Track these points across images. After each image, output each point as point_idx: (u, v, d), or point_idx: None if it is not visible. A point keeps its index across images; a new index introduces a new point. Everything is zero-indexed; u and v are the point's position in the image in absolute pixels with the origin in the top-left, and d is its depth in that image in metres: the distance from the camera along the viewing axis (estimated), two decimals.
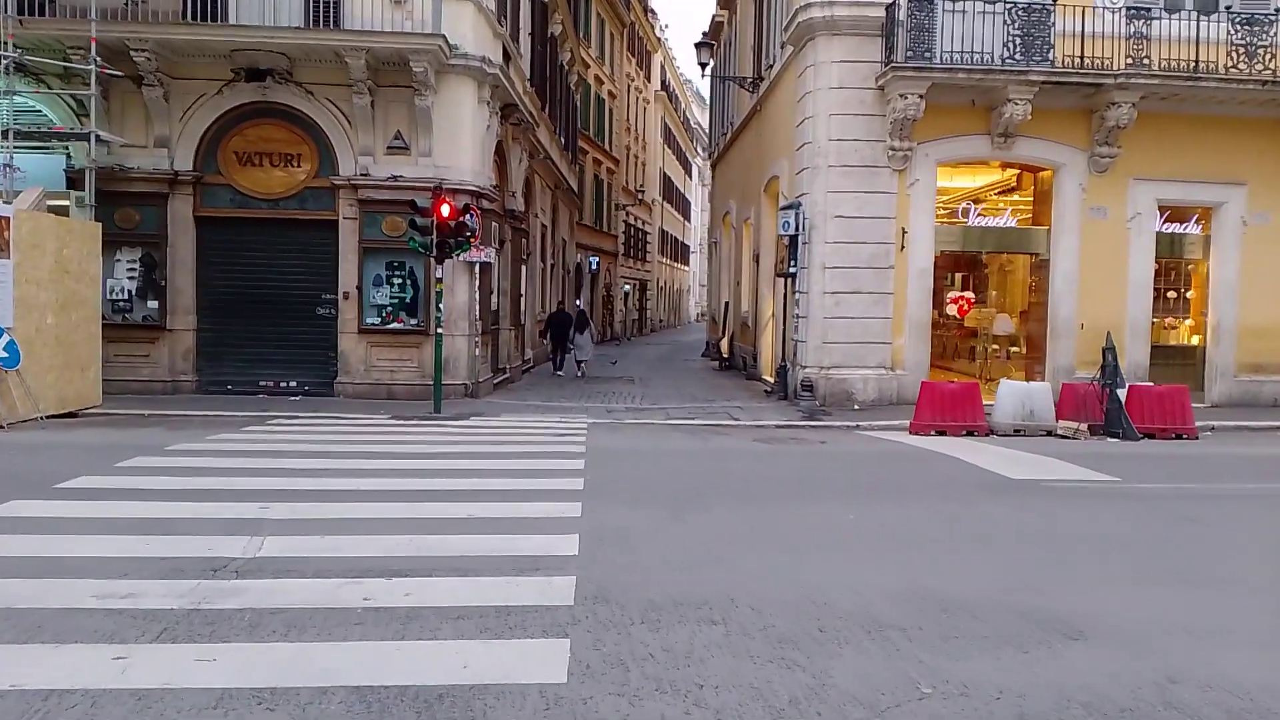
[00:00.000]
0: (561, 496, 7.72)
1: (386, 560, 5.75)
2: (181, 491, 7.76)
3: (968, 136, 15.59)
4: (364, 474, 8.71)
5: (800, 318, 15.96)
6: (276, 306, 15.43)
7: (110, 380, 14.58)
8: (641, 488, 8.13)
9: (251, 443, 10.72)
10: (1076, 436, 12.49)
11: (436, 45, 14.20)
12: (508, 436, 11.74)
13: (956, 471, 9.33)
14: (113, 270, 15.26)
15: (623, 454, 10.10)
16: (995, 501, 7.83)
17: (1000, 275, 20.50)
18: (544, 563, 5.72)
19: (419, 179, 14.96)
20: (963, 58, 14.74)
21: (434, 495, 7.77)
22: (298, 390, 15.52)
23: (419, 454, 9.94)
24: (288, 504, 7.30)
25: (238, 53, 14.55)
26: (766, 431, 12.91)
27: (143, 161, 15.06)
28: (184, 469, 8.80)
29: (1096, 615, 4.92)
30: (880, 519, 7.04)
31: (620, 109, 44.00)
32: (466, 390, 15.68)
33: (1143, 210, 15.92)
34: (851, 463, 9.87)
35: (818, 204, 15.55)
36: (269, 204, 15.39)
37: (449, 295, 15.10)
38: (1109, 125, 15.21)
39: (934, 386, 12.89)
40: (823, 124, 15.47)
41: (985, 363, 18.08)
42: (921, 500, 7.78)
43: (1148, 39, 14.92)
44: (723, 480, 8.54)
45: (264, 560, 5.74)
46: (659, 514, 7.08)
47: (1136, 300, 16.01)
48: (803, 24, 15.49)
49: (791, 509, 7.37)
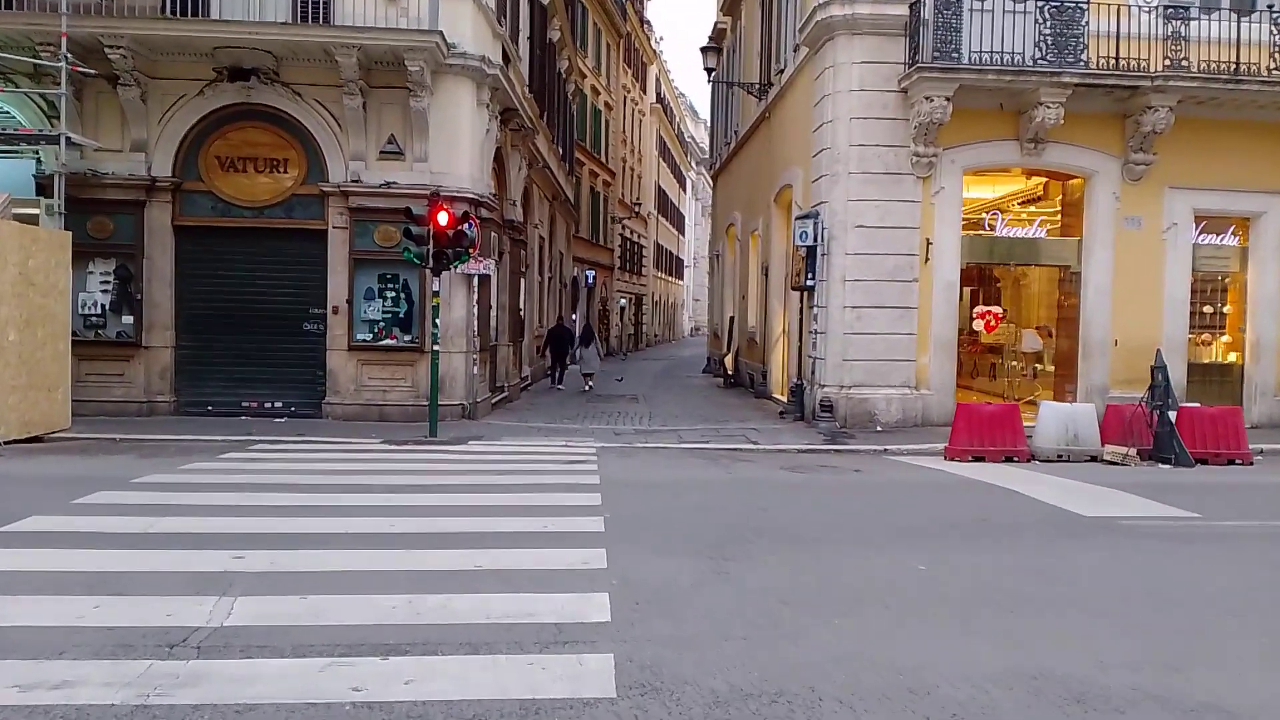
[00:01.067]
0: (580, 540, 6.75)
1: (380, 630, 4.77)
2: (144, 537, 6.76)
3: (996, 142, 14.72)
4: (353, 512, 7.71)
5: (818, 333, 15.03)
6: (260, 322, 14.42)
7: (81, 401, 13.57)
8: (670, 528, 7.15)
9: (229, 473, 9.70)
10: (1125, 462, 11.56)
11: (433, 43, 13.28)
12: (511, 464, 10.75)
13: (1017, 507, 8.37)
14: (84, 283, 14.26)
15: (641, 485, 9.11)
16: (1077, 546, 6.88)
17: (1014, 289, 19.66)
18: (571, 633, 4.75)
19: (414, 186, 14.01)
20: (991, 58, 13.90)
21: (433, 539, 6.78)
22: (283, 411, 14.49)
23: (414, 486, 8.95)
24: (265, 552, 6.31)
25: (220, 50, 13.60)
26: (790, 457, 11.94)
27: (118, 167, 14.07)
28: (150, 507, 7.78)
29: (1261, 706, 3.97)
30: (955, 570, 6.07)
31: (616, 121, 43.18)
32: (464, 411, 14.69)
33: (1179, 220, 15.07)
34: (896, 495, 8.90)
35: (837, 213, 14.65)
36: (253, 212, 14.40)
37: (446, 310, 14.12)
38: (1144, 130, 14.37)
39: (971, 408, 11.96)
40: (843, 128, 14.58)
41: (1009, 382, 17.19)
42: (995, 545, 6.82)
43: (1186, 40, 14.13)
44: (759, 518, 7.56)
45: (232, 631, 4.75)
46: (698, 564, 6.10)
47: (1173, 316, 15.13)
48: (821, 23, 14.62)
49: (849, 556, 6.40)
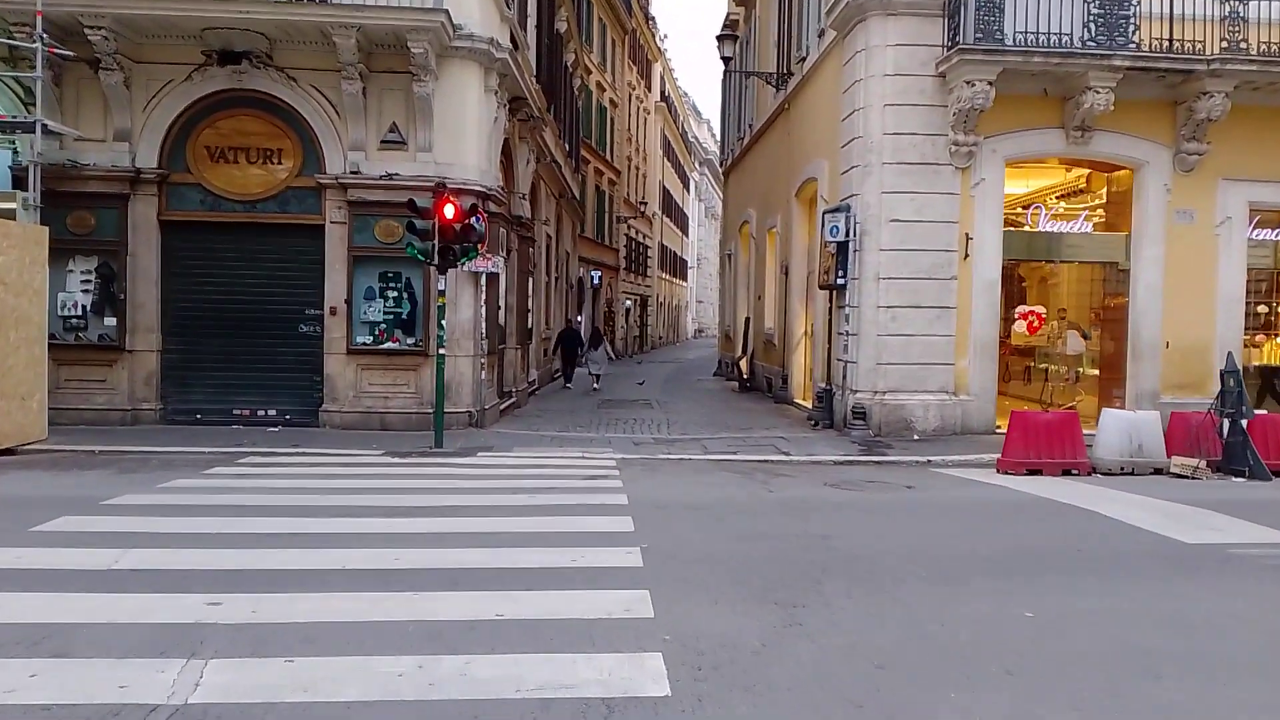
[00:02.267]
0: (617, 578, 5.77)
1: (385, 708, 3.80)
2: (106, 576, 5.78)
3: (1039, 130, 13.74)
4: (350, 541, 6.73)
5: (850, 335, 14.05)
6: (253, 324, 13.44)
7: (60, 409, 12.66)
8: (719, 563, 6.16)
9: (213, 492, 8.72)
10: (1196, 475, 10.59)
11: (439, 23, 12.31)
12: (526, 480, 9.77)
13: (1104, 532, 7.39)
14: (64, 282, 13.28)
15: (674, 507, 8.13)
16: (1198, 584, 5.90)
17: (1041, 287, 18.69)
18: (624, 712, 3.77)
19: (417, 177, 13.03)
20: (1037, 39, 12.93)
21: (444, 577, 5.80)
22: (277, 420, 13.51)
23: (420, 508, 7.97)
24: (246, 595, 5.34)
25: (210, 32, 12.64)
26: (829, 470, 10.97)
27: (99, 157, 13.10)
28: (119, 536, 6.80)
29: None
30: (1069, 617, 5.09)
31: (622, 118, 42.23)
32: (471, 419, 13.71)
33: (1233, 214, 14.09)
34: (965, 519, 7.90)
35: (870, 206, 13.68)
36: (245, 206, 13.42)
37: (452, 310, 13.14)
38: (1198, 118, 13.41)
39: (1026, 416, 10.98)
40: (876, 116, 13.61)
41: (1049, 386, 16.20)
42: (1101, 583, 5.83)
43: (1244, 20, 13.17)
44: (820, 549, 6.55)
45: (198, 711, 3.78)
46: (763, 612, 5.11)
47: (1226, 316, 14.14)
48: (852, 4, 13.65)
49: (938, 599, 5.40)
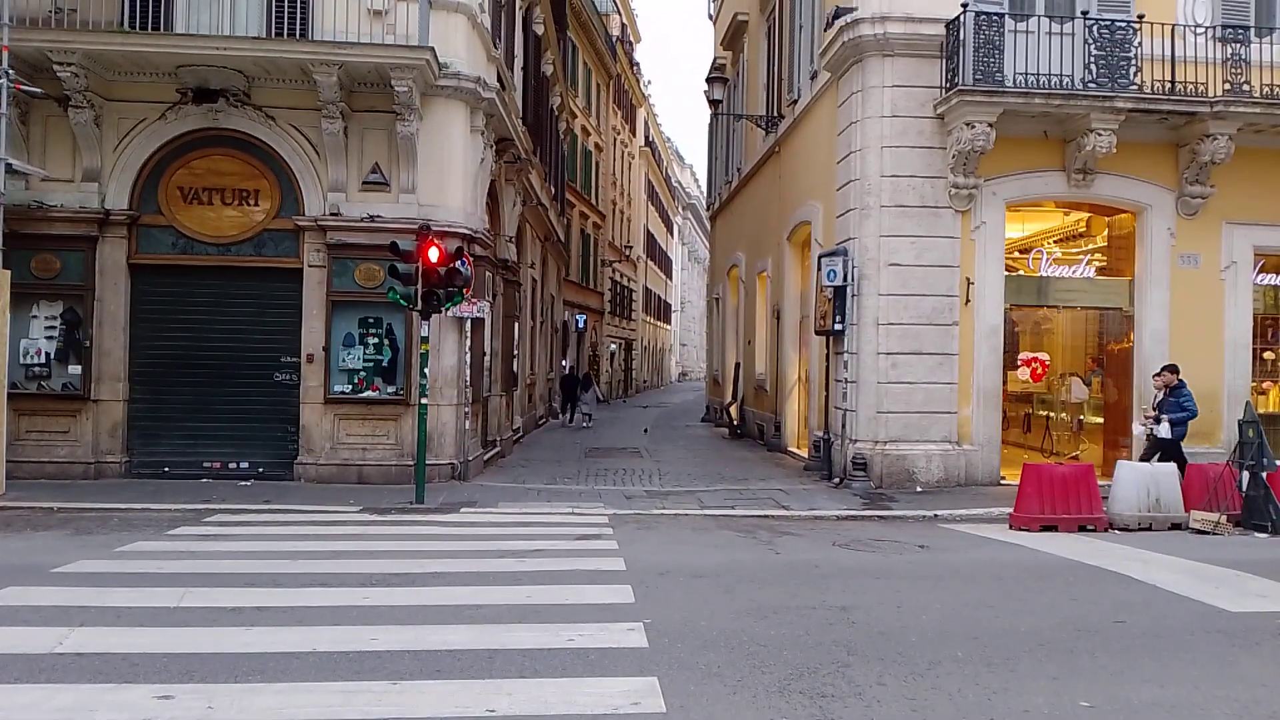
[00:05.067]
0: (621, 663, 5.16)
1: None
2: (44, 662, 5.10)
3: (1041, 172, 13.45)
4: (322, 617, 6.09)
5: (849, 382, 13.57)
6: (225, 372, 12.81)
7: (19, 462, 12.03)
8: (733, 643, 5.53)
9: (174, 557, 8.05)
10: (1217, 531, 10.09)
11: (424, 61, 11.88)
12: (513, 540, 9.14)
13: (1143, 600, 6.81)
14: (27, 329, 12.65)
15: (677, 574, 7.49)
16: (1260, 662, 5.31)
17: (1035, 333, 18.35)
18: None
19: (400, 219, 12.53)
20: (1037, 81, 12.66)
21: (426, 661, 5.17)
22: (249, 473, 12.82)
23: (398, 576, 7.31)
24: (201, 687, 4.70)
25: (185, 69, 12.16)
26: (834, 527, 10.39)
27: (67, 198, 12.53)
28: (65, 611, 6.12)
29: None
30: (1134, 710, 4.50)
31: (607, 162, 42.13)
32: (454, 471, 13.06)
33: (1238, 259, 13.80)
34: (988, 584, 7.30)
35: (868, 250, 13.29)
36: (219, 249, 12.86)
37: (435, 357, 12.57)
38: (1202, 161, 13.16)
39: (1040, 470, 10.47)
40: (873, 158, 13.28)
41: (1053, 435, 15.75)
42: (1156, 663, 5.21)
43: (1246, 63, 12.98)
44: (841, 627, 5.91)
45: None
46: (790, 707, 4.48)
47: (1234, 362, 13.79)
48: (848, 44, 13.37)
49: (983, 686, 4.76)
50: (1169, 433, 11.47)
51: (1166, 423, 11.45)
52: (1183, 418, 11.50)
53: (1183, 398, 11.56)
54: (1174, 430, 11.51)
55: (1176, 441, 11.65)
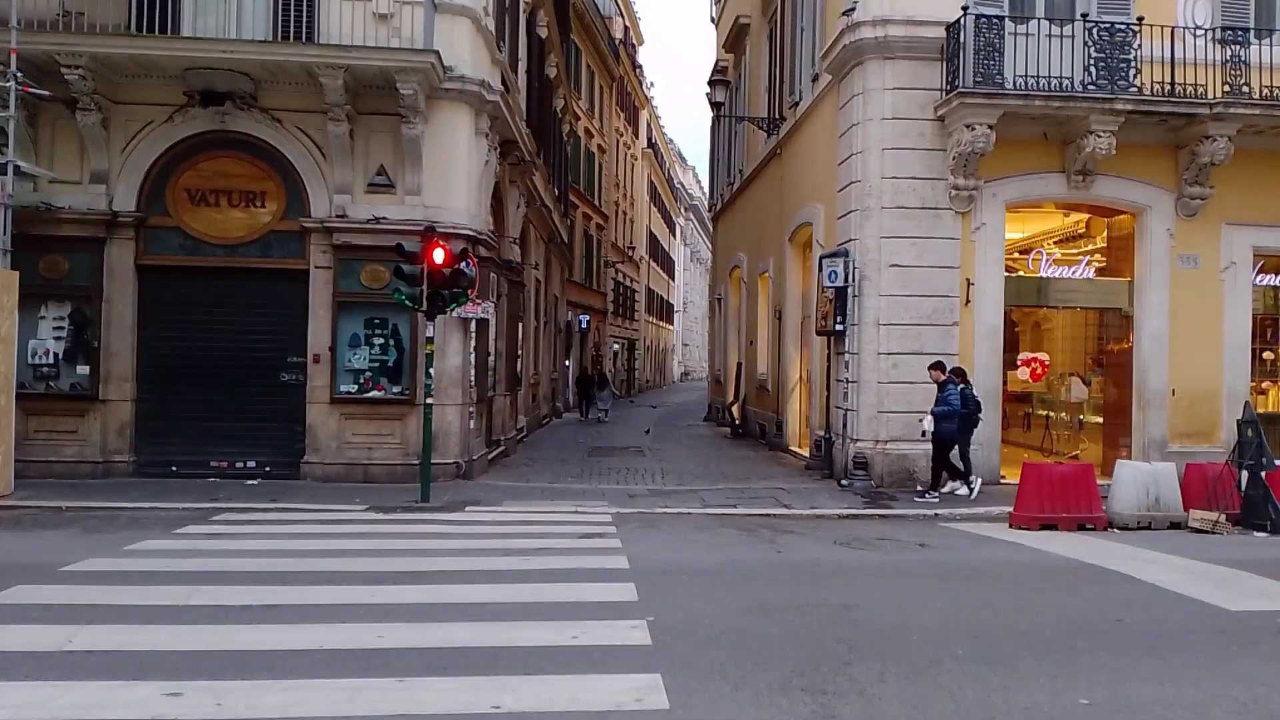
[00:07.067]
0: (624, 660, 5.25)
1: None
2: (54, 660, 5.20)
3: (1040, 174, 13.52)
4: (329, 614, 6.18)
5: (850, 382, 13.65)
6: (232, 372, 12.91)
7: (28, 461, 12.13)
8: (735, 641, 5.62)
9: (182, 555, 8.15)
10: (1216, 530, 10.17)
11: (429, 64, 11.99)
12: (517, 538, 9.24)
13: (1143, 599, 6.88)
14: (35, 329, 12.76)
15: (679, 573, 7.59)
16: (1259, 661, 5.38)
17: (1034, 332, 18.45)
18: None
19: (406, 221, 12.64)
20: (1037, 83, 12.74)
21: (432, 658, 5.26)
22: (256, 472, 12.94)
23: (405, 574, 7.40)
24: (209, 684, 4.78)
25: (192, 72, 12.26)
26: (835, 525, 10.48)
27: (75, 200, 12.64)
28: (74, 609, 6.22)
29: None
30: (1133, 708, 4.54)
31: (609, 164, 42.21)
32: (459, 470, 13.17)
33: (1238, 260, 13.87)
34: (988, 583, 7.38)
35: (869, 251, 13.37)
36: (226, 250, 12.97)
37: (440, 358, 12.67)
38: (1201, 162, 13.23)
39: (1040, 469, 10.56)
40: (874, 159, 13.35)
41: (1052, 435, 15.82)
42: (1157, 662, 5.26)
43: (1245, 64, 13.05)
44: (844, 623, 5.99)
45: None
46: (793, 704, 4.56)
47: (1233, 363, 13.86)
48: (849, 47, 13.45)
49: (983, 684, 4.83)
50: (932, 426, 11.76)
51: (930, 418, 11.73)
52: (944, 411, 11.75)
53: (948, 394, 11.80)
54: (940, 426, 11.74)
55: (948, 438, 11.90)
